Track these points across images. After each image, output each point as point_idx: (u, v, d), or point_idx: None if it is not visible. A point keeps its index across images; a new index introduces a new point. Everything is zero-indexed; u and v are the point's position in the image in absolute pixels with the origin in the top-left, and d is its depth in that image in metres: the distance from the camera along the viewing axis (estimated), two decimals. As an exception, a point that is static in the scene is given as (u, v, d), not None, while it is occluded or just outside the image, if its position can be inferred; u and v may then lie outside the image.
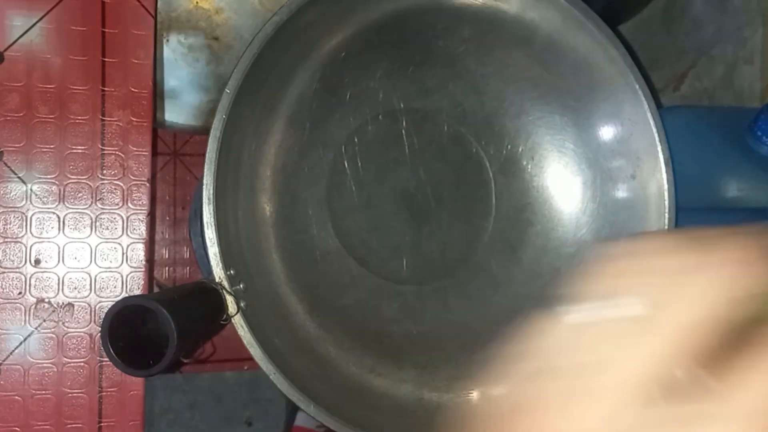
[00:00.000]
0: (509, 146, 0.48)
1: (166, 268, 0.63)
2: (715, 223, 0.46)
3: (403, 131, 0.46)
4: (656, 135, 0.42)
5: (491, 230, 0.48)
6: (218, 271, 0.37)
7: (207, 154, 0.37)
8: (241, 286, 0.37)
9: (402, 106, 0.46)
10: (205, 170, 0.37)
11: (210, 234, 0.37)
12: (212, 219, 0.37)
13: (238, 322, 0.37)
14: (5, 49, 0.41)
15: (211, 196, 0.37)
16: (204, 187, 0.37)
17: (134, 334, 0.30)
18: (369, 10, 0.43)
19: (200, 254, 0.55)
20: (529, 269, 0.47)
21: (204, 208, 0.37)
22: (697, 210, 0.45)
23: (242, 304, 0.37)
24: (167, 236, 0.64)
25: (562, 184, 0.47)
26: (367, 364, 0.44)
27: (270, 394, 0.59)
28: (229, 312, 0.37)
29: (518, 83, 0.46)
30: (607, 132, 0.45)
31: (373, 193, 0.46)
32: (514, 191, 0.48)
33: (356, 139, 0.45)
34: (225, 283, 0.37)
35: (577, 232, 0.47)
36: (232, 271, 0.37)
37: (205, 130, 0.51)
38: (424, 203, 0.47)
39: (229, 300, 0.37)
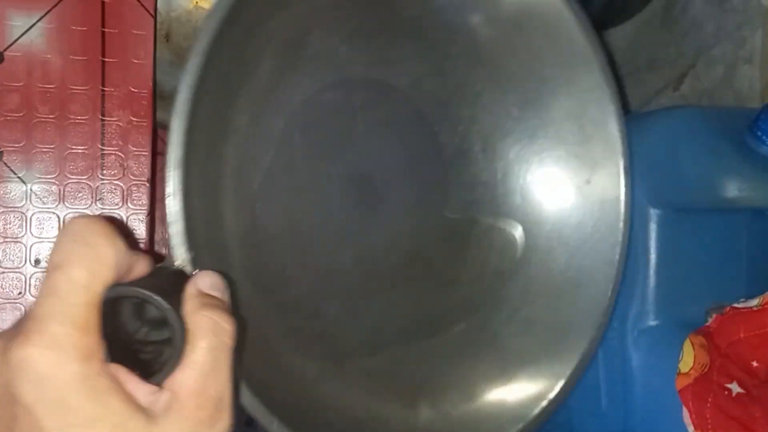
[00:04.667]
0: (464, 133, 0.45)
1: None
2: (715, 223, 0.46)
3: (359, 105, 0.43)
4: (618, 140, 0.41)
5: (441, 224, 0.45)
6: (181, 253, 0.33)
7: (175, 108, 0.33)
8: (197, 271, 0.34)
9: (364, 74, 0.43)
10: (173, 131, 0.33)
11: (175, 206, 0.32)
12: (179, 187, 0.32)
13: None
14: (5, 49, 0.41)
15: (180, 160, 0.32)
16: (170, 151, 0.33)
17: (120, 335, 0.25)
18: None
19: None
20: (473, 270, 0.45)
21: (170, 174, 0.32)
22: (697, 210, 0.45)
23: None
24: (167, 236, 0.63)
25: (514, 180, 0.45)
26: (310, 369, 0.40)
27: (270, 394, 0.59)
28: None
29: (482, 68, 0.44)
30: (567, 132, 0.43)
31: (322, 173, 0.42)
32: (465, 182, 0.45)
33: (309, 108, 0.41)
34: (188, 268, 0.32)
35: (526, 235, 0.44)
36: (193, 254, 0.33)
37: (204, 130, 0.51)
38: (375, 188, 0.43)
39: None
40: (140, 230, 0.42)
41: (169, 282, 0.26)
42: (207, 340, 0.23)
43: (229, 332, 0.24)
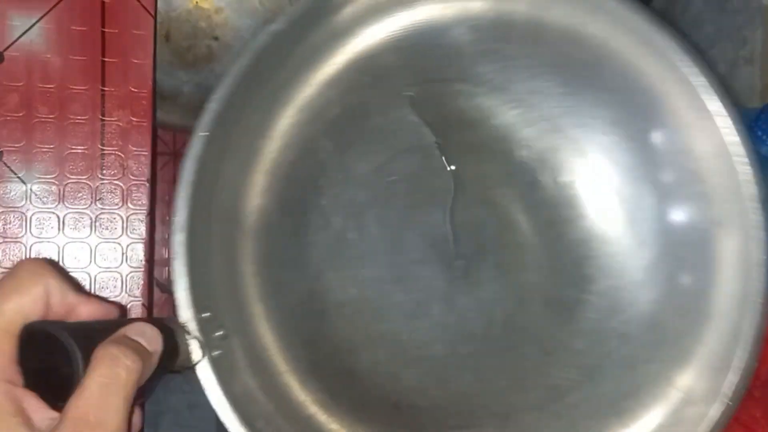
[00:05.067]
0: (564, 188, 0.40)
1: (166, 268, 0.63)
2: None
3: (438, 168, 0.39)
4: (747, 168, 0.33)
5: (542, 287, 0.40)
6: (187, 313, 0.31)
7: (182, 175, 0.32)
8: (221, 332, 0.32)
9: (436, 139, 0.39)
10: (179, 194, 0.32)
11: (179, 267, 0.31)
12: (184, 249, 0.31)
13: (206, 376, 0.30)
14: (5, 49, 0.41)
15: (184, 223, 0.31)
16: (176, 212, 0.32)
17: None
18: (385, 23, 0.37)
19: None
20: (590, 335, 0.38)
21: (175, 237, 0.31)
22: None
23: (215, 353, 0.31)
24: (167, 236, 0.63)
25: (629, 233, 0.39)
26: None
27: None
28: (191, 358, 0.30)
29: (579, 114, 0.38)
30: (676, 172, 0.37)
31: (399, 237, 0.39)
32: (570, 241, 0.40)
33: (381, 175, 0.39)
34: (189, 326, 0.30)
35: (649, 293, 0.38)
36: (206, 314, 0.31)
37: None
38: (461, 252, 0.40)
39: (193, 345, 0.30)
40: (140, 230, 0.42)
41: (107, 330, 0.27)
42: (99, 369, 0.24)
43: (127, 366, 0.25)
